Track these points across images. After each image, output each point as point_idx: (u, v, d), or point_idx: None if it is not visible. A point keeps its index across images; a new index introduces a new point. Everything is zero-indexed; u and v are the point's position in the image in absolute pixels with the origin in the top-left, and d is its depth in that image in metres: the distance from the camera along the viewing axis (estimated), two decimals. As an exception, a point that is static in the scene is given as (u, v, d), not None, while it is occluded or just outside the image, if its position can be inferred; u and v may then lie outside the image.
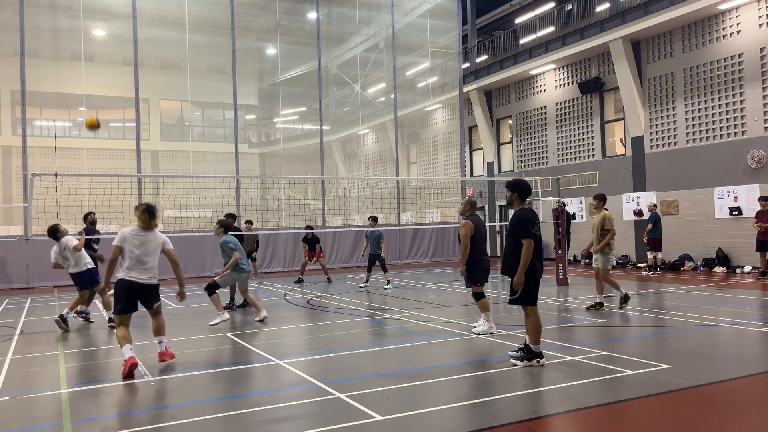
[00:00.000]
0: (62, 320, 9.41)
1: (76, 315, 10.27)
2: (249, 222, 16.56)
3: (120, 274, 6.69)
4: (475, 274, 8.25)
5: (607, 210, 10.55)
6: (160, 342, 6.97)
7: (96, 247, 11.49)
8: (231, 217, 12.10)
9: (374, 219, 15.00)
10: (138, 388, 6.01)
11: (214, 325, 9.36)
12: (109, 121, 25.96)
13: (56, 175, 11.44)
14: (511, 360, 6.46)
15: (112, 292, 7.53)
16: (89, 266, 9.83)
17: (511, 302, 6.51)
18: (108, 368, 7.07)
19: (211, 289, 9.76)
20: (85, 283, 9.81)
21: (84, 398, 5.78)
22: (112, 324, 9.50)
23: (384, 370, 6.55)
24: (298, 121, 29.81)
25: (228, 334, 8.83)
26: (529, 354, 6.36)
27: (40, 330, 9.75)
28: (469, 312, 10.57)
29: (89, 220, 11.71)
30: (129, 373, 6.30)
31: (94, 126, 10.25)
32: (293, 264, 20.90)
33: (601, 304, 10.09)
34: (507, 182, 6.72)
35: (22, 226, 17.56)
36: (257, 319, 9.89)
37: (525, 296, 6.40)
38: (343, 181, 28.26)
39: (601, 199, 10.62)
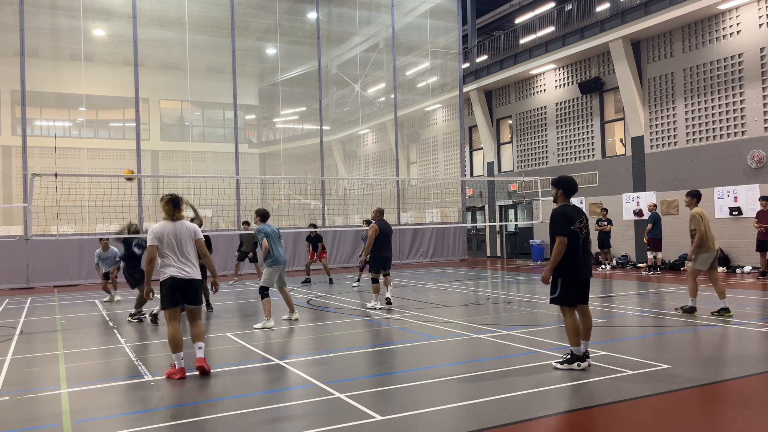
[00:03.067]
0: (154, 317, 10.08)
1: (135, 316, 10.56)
2: (246, 223, 16.59)
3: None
4: (376, 264, 11.04)
5: (698, 207, 9.35)
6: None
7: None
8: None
9: (368, 222, 15.16)
10: (138, 388, 6.01)
11: (257, 328, 9.26)
12: (109, 121, 25.97)
13: (56, 175, 11.45)
14: (554, 363, 6.31)
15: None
16: None
17: (551, 302, 6.37)
18: (108, 368, 7.08)
19: (263, 291, 9.55)
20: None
21: (84, 398, 5.78)
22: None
23: (384, 370, 6.55)
24: (298, 121, 29.79)
25: (228, 334, 8.83)
26: (571, 357, 6.19)
27: (40, 330, 9.75)
28: (469, 312, 10.58)
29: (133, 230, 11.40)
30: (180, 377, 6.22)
31: (130, 178, 10.37)
32: (293, 264, 20.87)
33: (727, 310, 9.10)
34: (553, 179, 6.73)
35: (22, 226, 17.55)
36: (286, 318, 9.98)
37: (561, 297, 6.25)
38: (343, 181, 28.24)
39: (694, 196, 9.40)
